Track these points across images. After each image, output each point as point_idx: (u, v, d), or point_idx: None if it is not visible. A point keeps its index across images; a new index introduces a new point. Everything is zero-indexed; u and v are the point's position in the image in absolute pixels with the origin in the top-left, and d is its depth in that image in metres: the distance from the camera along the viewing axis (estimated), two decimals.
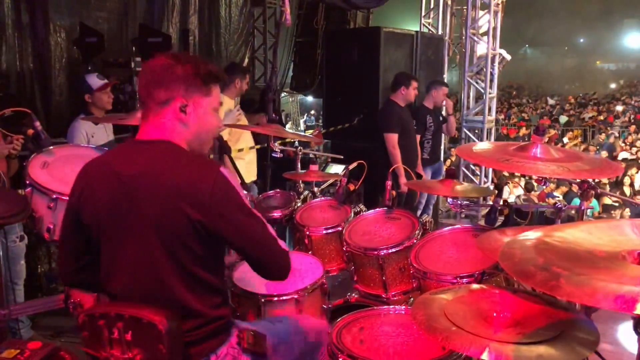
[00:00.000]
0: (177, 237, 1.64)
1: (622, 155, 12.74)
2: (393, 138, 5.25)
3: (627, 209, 7.84)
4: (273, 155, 3.72)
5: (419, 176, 5.71)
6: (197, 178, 1.64)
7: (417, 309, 1.63)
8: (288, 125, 10.70)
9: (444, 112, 6.18)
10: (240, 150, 4.67)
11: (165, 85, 1.71)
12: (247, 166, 4.66)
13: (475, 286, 1.84)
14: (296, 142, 5.11)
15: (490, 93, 7.50)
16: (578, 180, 2.22)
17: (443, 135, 6.43)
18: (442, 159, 6.76)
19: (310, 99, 12.44)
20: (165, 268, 1.66)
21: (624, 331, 2.17)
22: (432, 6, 8.02)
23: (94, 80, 3.86)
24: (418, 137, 5.71)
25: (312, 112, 14.70)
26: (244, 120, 4.53)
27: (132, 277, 1.70)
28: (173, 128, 1.74)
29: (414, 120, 5.62)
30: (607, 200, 8.23)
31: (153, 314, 1.61)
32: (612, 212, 7.95)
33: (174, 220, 1.63)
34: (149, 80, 1.74)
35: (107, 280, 1.77)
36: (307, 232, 3.00)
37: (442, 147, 6.75)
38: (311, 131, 9.86)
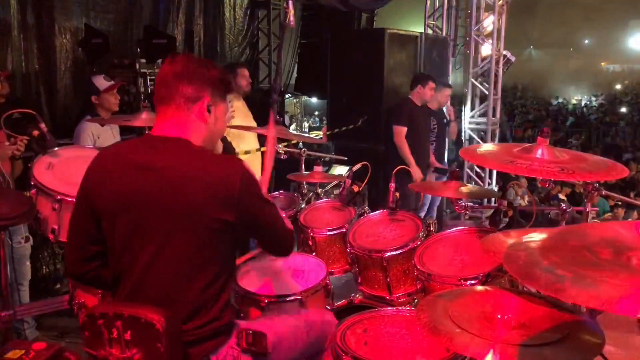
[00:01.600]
0: (201, 232, 1.68)
1: (627, 156, 12.67)
2: (401, 131, 5.29)
3: (635, 211, 7.78)
4: (277, 157, 3.72)
5: (444, 170, 5.73)
6: (225, 175, 1.71)
7: (421, 311, 1.63)
8: (292, 127, 10.70)
9: (447, 116, 6.19)
10: (247, 152, 4.67)
11: (197, 83, 1.77)
12: (252, 168, 4.65)
13: (479, 288, 1.84)
14: (300, 144, 5.11)
15: (494, 94, 7.49)
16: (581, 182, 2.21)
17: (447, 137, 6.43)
18: (446, 160, 6.75)
19: (314, 100, 12.44)
20: (183, 261, 1.68)
21: (630, 333, 2.16)
22: (436, 7, 8.01)
23: (101, 82, 3.88)
24: None
25: (316, 112, 14.68)
26: (243, 122, 4.51)
27: (148, 268, 1.70)
28: (194, 126, 1.78)
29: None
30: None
31: (151, 313, 1.61)
32: (616, 210, 7.90)
33: (201, 215, 1.66)
34: (179, 74, 1.75)
35: (118, 273, 1.77)
36: (311, 234, 3.00)
37: (447, 149, 6.74)
38: (316, 132, 9.87)
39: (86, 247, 1.82)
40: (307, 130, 11.80)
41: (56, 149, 2.85)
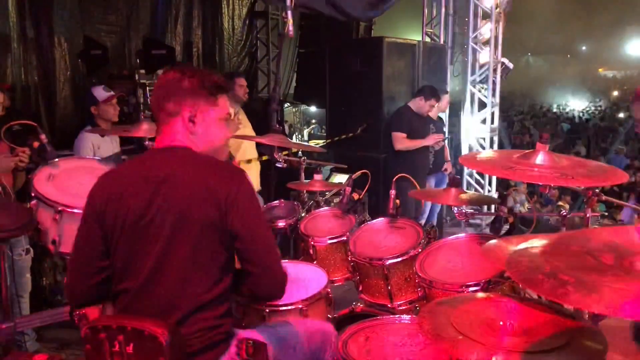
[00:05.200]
0: (205, 236, 1.71)
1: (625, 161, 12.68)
2: (400, 136, 5.32)
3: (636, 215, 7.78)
4: (277, 165, 3.72)
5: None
6: (227, 180, 1.76)
7: (423, 318, 1.63)
8: (293, 138, 10.73)
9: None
10: (249, 161, 4.68)
11: (174, 98, 1.82)
12: (251, 177, 4.66)
13: (481, 295, 1.83)
14: (300, 152, 5.12)
15: (493, 101, 7.51)
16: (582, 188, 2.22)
17: (446, 144, 6.43)
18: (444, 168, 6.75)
19: (313, 109, 12.45)
20: (185, 267, 1.70)
21: (633, 339, 2.15)
22: (434, 15, 8.04)
23: (100, 93, 3.90)
24: None
25: (313, 121, 14.68)
26: (241, 131, 4.53)
27: (152, 275, 1.72)
28: (184, 137, 1.83)
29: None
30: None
31: (155, 326, 1.62)
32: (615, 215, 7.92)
33: (203, 219, 1.70)
34: (159, 94, 1.85)
35: (120, 283, 1.78)
36: (312, 242, 3.00)
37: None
38: (315, 141, 9.88)
39: (94, 275, 1.82)
40: (306, 138, 11.81)
41: (56, 160, 2.86)
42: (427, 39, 7.89)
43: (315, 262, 2.92)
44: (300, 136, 11.58)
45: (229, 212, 1.71)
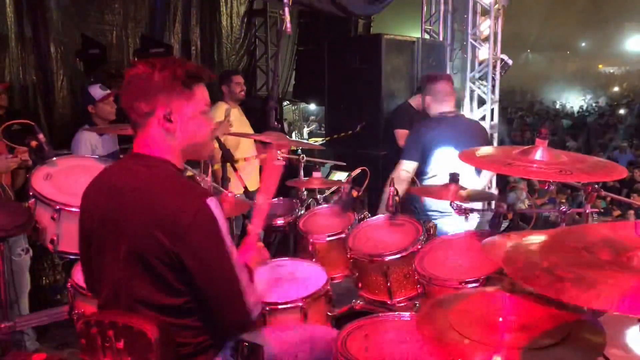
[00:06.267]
0: (150, 263, 1.59)
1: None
2: (403, 134, 5.30)
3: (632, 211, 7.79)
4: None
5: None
6: (179, 207, 1.57)
7: (422, 316, 1.62)
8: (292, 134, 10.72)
9: None
10: (247, 159, 4.67)
11: (145, 97, 1.65)
12: (250, 175, 4.66)
13: (478, 291, 1.83)
14: (299, 150, 5.11)
15: (492, 98, 7.49)
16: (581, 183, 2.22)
17: None
18: None
19: (313, 106, 12.44)
20: (141, 289, 1.64)
21: (633, 335, 2.14)
22: (433, 12, 8.03)
23: (97, 91, 3.89)
24: None
25: (312, 118, 14.65)
26: (239, 129, 4.52)
27: (112, 292, 1.70)
28: (161, 140, 1.68)
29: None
30: None
31: (144, 323, 1.60)
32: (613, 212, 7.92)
33: (148, 246, 1.58)
34: (129, 92, 1.68)
35: (94, 292, 1.81)
36: (311, 240, 2.99)
37: None
38: (315, 139, 9.88)
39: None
40: (306, 136, 11.80)
41: (54, 159, 2.85)
42: (426, 36, 7.88)
43: (314, 260, 2.92)
44: (299, 134, 11.57)
45: (177, 245, 1.56)
